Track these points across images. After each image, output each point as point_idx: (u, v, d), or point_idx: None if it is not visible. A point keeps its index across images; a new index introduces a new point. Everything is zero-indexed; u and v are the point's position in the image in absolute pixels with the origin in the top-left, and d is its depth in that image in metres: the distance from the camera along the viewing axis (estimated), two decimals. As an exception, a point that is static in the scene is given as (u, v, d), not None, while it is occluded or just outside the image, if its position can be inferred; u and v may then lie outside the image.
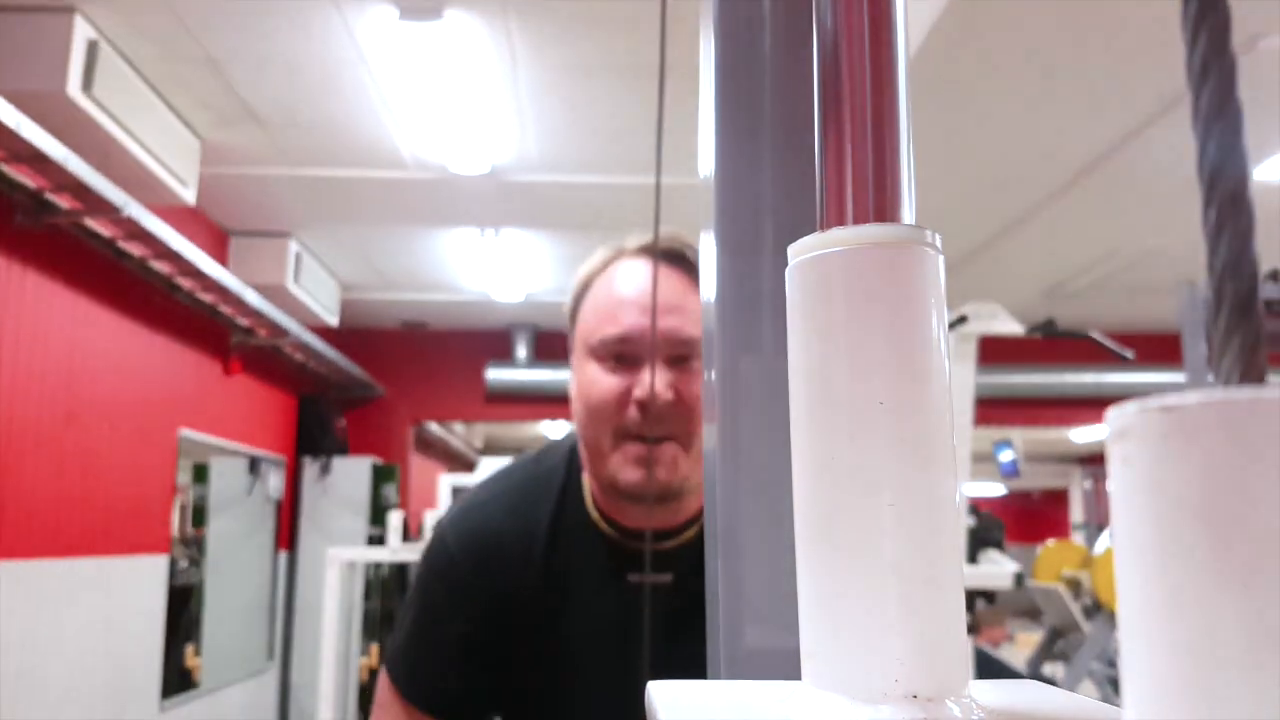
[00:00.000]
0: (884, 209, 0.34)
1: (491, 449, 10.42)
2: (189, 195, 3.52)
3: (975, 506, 4.28)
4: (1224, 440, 0.19)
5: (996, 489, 12.37)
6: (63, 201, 3.09)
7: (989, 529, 4.19)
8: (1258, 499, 0.19)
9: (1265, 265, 3.25)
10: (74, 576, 3.35)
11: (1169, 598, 0.20)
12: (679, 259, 1.04)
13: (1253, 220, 0.22)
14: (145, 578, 3.87)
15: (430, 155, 3.78)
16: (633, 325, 1.00)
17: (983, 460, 6.72)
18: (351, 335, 6.02)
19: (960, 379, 3.85)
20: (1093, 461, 11.05)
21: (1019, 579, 4.01)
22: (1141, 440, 0.20)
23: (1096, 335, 3.83)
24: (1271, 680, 0.18)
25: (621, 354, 1.01)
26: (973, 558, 4.11)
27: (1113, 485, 0.21)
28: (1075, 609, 5.37)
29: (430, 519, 4.03)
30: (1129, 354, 3.87)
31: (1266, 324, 0.22)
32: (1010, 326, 3.81)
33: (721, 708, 0.35)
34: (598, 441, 1.02)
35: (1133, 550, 0.21)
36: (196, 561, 4.56)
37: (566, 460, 1.14)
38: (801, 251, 0.35)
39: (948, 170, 3.88)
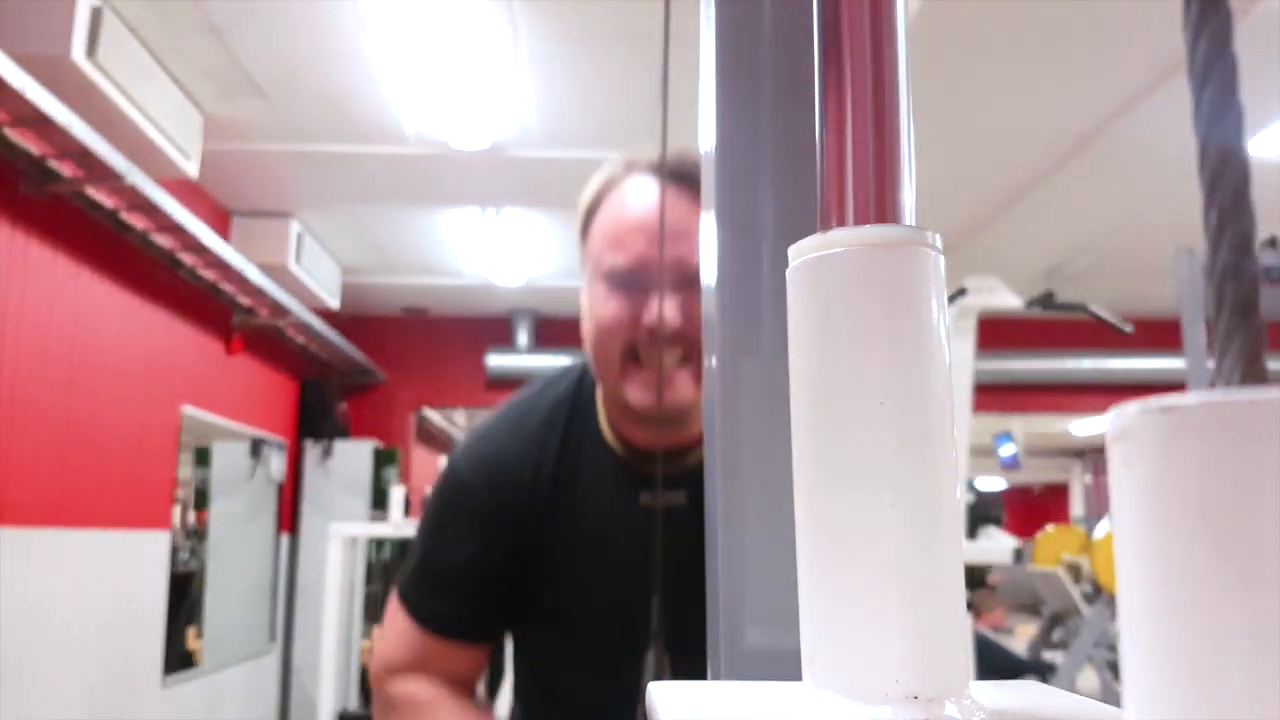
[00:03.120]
0: (884, 210, 0.34)
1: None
2: (191, 169, 3.53)
3: (974, 485, 4.29)
4: (1224, 441, 0.19)
5: (997, 483, 12.37)
6: (65, 169, 3.10)
7: (988, 506, 4.20)
8: (1259, 500, 0.19)
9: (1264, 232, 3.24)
10: (76, 547, 3.35)
11: (1170, 599, 0.20)
12: (687, 179, 1.04)
13: (1254, 222, 0.22)
14: (147, 554, 3.86)
15: (431, 130, 3.79)
16: (641, 254, 1.02)
17: (983, 454, 6.72)
18: (352, 322, 6.02)
19: (959, 355, 3.86)
20: (1093, 453, 11.05)
21: (1018, 554, 4.02)
22: (1142, 442, 0.20)
23: (1095, 308, 3.84)
24: (1273, 681, 0.18)
25: (630, 281, 1.03)
26: (972, 534, 4.13)
27: (1113, 487, 0.21)
28: (1075, 593, 5.38)
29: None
30: (1128, 328, 3.88)
31: (1265, 291, 0.22)
32: (1009, 300, 3.82)
33: (722, 708, 0.35)
34: (608, 361, 1.05)
35: (1134, 552, 0.21)
36: (197, 551, 4.57)
37: (578, 381, 1.16)
38: (802, 253, 0.35)
39: (939, 149, 3.88)
